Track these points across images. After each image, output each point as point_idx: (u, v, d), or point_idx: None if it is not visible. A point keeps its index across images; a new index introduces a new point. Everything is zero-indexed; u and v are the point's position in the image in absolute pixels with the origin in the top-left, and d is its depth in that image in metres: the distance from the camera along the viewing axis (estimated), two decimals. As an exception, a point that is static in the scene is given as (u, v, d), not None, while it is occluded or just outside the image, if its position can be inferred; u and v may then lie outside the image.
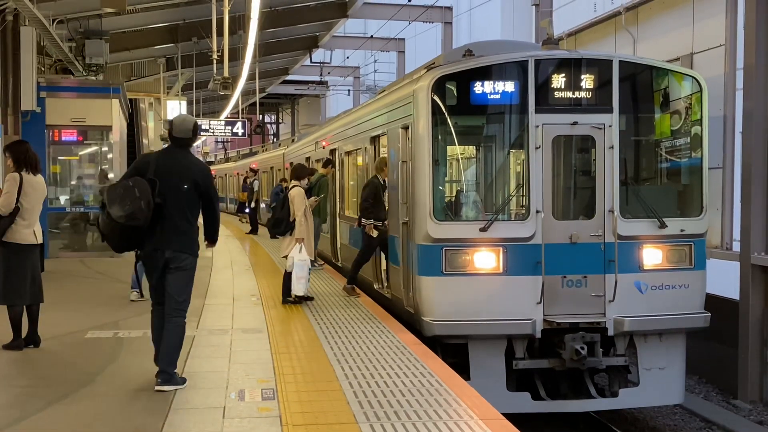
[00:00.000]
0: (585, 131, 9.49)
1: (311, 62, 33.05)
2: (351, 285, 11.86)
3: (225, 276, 14.23)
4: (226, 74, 19.97)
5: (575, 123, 9.42)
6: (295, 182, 11.26)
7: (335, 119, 18.85)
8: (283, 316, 10.11)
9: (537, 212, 9.27)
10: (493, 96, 9.45)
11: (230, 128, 30.07)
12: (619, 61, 9.60)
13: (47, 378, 7.21)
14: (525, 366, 9.28)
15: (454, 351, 9.29)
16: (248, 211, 26.57)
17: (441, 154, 9.67)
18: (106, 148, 18.53)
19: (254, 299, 11.48)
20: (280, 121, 56.74)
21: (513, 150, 9.93)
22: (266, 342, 8.55)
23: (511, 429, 5.66)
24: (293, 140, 27.42)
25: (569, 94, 9.45)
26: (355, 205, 14.50)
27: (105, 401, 6.44)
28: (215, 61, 20.34)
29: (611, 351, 9.51)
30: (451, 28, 26.49)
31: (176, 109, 26.69)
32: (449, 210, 9.85)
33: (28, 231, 8.12)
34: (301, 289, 10.70)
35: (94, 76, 19.22)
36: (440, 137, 9.57)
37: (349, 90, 38.54)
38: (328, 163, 14.93)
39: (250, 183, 26.59)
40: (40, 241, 8.33)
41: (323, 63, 34.63)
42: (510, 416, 6.13)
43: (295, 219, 10.80)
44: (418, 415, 5.95)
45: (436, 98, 9.39)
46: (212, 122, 29.79)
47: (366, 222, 11.22)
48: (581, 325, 9.20)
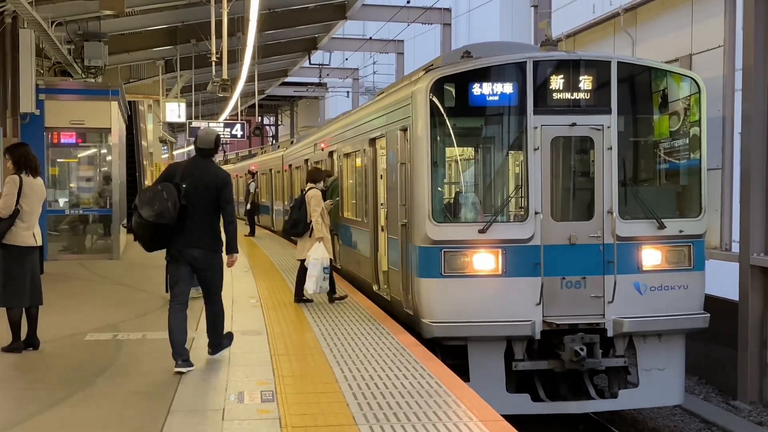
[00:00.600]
0: (583, 132, 9.49)
1: (310, 64, 33.02)
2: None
3: (224, 278, 14.19)
4: (225, 76, 19.96)
5: (574, 124, 9.42)
6: (312, 184, 11.42)
7: (334, 121, 18.85)
8: (283, 318, 10.11)
9: (536, 213, 9.27)
10: (492, 97, 9.46)
11: (229, 130, 30.07)
12: (618, 62, 9.61)
13: (46, 380, 7.21)
14: (524, 367, 9.28)
15: (454, 352, 9.29)
16: (246, 213, 26.57)
17: (440, 156, 9.67)
18: (105, 151, 18.52)
19: (253, 301, 11.47)
20: (279, 123, 56.76)
21: (512, 151, 9.93)
22: (265, 344, 8.55)
23: (511, 430, 5.66)
24: (292, 142, 27.42)
25: (568, 96, 9.46)
26: (354, 207, 14.51)
27: (104, 403, 6.44)
28: (214, 63, 20.33)
29: (611, 352, 9.50)
30: (450, 30, 26.48)
31: (175, 111, 26.68)
32: (448, 212, 9.85)
33: (28, 233, 8.13)
34: (311, 287, 10.73)
35: (93, 79, 19.21)
36: (439, 139, 9.57)
37: (348, 92, 38.52)
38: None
39: (247, 185, 26.57)
40: (40, 244, 8.34)
41: (322, 65, 34.61)
42: (509, 418, 6.13)
43: (312, 220, 10.95)
44: (418, 417, 5.95)
45: (435, 100, 9.39)
46: (211, 124, 29.80)
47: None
48: (580, 327, 9.21)
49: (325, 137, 17.41)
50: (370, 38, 30.40)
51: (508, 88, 9.44)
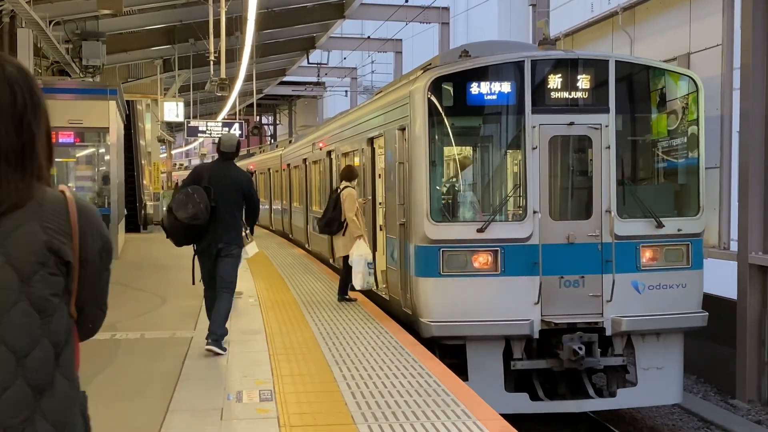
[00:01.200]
0: (582, 131, 9.50)
1: (308, 63, 32.99)
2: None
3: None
4: (223, 75, 19.94)
5: (572, 123, 9.42)
6: (346, 183, 11.42)
7: (332, 120, 18.84)
8: (281, 318, 10.10)
9: (534, 213, 9.27)
10: (490, 97, 9.46)
11: (227, 130, 30.01)
12: (616, 61, 9.61)
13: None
14: (523, 366, 9.28)
15: (452, 352, 9.29)
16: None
17: (438, 155, 9.67)
18: (103, 150, 18.51)
19: (252, 300, 11.47)
20: (278, 123, 56.69)
21: (510, 151, 9.94)
22: (264, 343, 8.55)
23: (509, 429, 5.66)
24: (290, 141, 27.42)
25: (566, 95, 9.46)
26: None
27: (103, 403, 6.44)
28: (212, 63, 20.32)
29: (609, 351, 9.51)
30: (448, 29, 26.46)
31: (173, 111, 26.64)
32: (446, 211, 9.85)
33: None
34: (359, 284, 10.82)
35: (91, 78, 19.20)
36: (437, 138, 9.57)
37: (347, 91, 38.47)
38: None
39: None
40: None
41: (320, 64, 34.59)
42: (508, 417, 6.13)
43: (348, 219, 11.02)
44: (416, 416, 5.95)
45: (433, 99, 9.39)
46: (209, 123, 29.73)
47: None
48: (579, 326, 9.21)
49: (324, 137, 17.41)
50: (369, 37, 30.38)
51: (506, 87, 9.45)
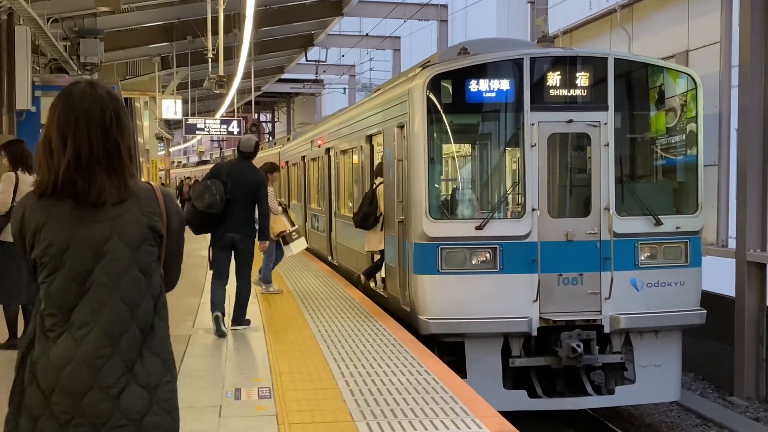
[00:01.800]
0: (580, 129, 9.49)
1: (306, 61, 32.94)
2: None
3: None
4: (222, 73, 19.93)
5: (570, 121, 9.42)
6: (381, 179, 11.48)
7: (331, 118, 18.83)
8: (279, 315, 10.10)
9: (533, 210, 9.27)
10: (489, 94, 9.45)
11: (226, 127, 30.02)
12: (614, 59, 9.60)
13: (43, 378, 7.19)
14: (521, 364, 9.28)
15: (451, 349, 9.29)
16: None
17: (436, 153, 9.66)
18: (102, 147, 18.47)
19: (250, 297, 11.44)
20: (276, 120, 56.67)
21: (508, 148, 9.94)
22: (262, 341, 8.55)
23: (508, 426, 5.67)
24: (289, 139, 27.41)
25: (564, 92, 9.45)
26: (351, 204, 14.50)
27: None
28: (210, 60, 20.30)
29: (607, 348, 9.52)
30: (447, 26, 26.43)
31: (171, 108, 26.60)
32: (445, 208, 9.85)
33: (24, 230, 8.11)
34: None
35: (89, 75, 19.16)
36: (435, 135, 9.56)
37: (345, 88, 38.43)
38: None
39: None
40: (36, 241, 8.31)
41: (318, 61, 34.54)
42: (506, 414, 6.13)
43: (383, 214, 11.17)
44: (415, 413, 5.95)
45: (432, 96, 9.38)
46: (208, 121, 29.75)
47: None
48: (577, 323, 9.21)
49: (322, 134, 17.40)
50: (367, 35, 30.34)
51: (505, 85, 9.44)
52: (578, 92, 9.47)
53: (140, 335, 2.66)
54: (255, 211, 9.15)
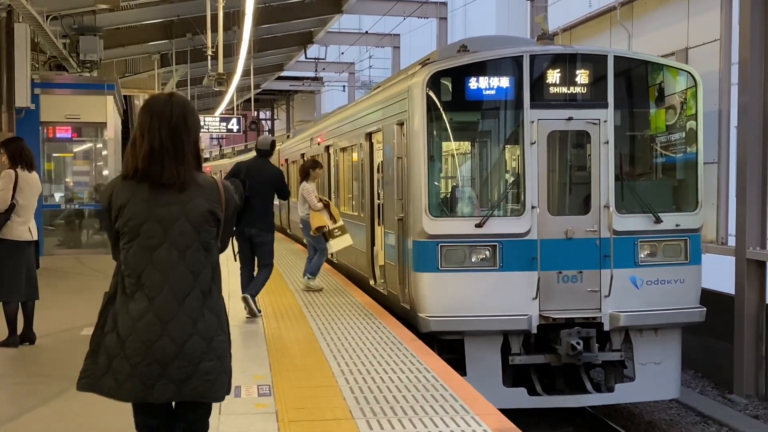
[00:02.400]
0: (580, 126, 9.49)
1: (306, 58, 32.91)
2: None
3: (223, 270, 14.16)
4: (221, 70, 19.90)
5: (570, 118, 9.41)
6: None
7: (330, 115, 18.82)
8: (279, 313, 10.10)
9: (532, 208, 9.27)
10: (488, 91, 9.45)
11: (225, 125, 30.02)
12: (614, 56, 9.60)
13: (43, 375, 7.20)
14: (521, 361, 9.29)
15: (450, 347, 9.30)
16: None
17: (436, 150, 9.66)
18: (101, 145, 18.49)
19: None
20: (275, 118, 56.63)
21: (508, 146, 9.92)
22: (262, 338, 8.55)
23: (507, 424, 5.67)
24: (288, 136, 27.39)
25: (564, 90, 9.45)
26: (350, 201, 14.50)
27: (101, 399, 6.42)
28: (210, 57, 20.27)
29: (607, 346, 9.52)
30: (446, 24, 26.41)
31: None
32: (444, 206, 9.84)
33: (24, 228, 8.11)
34: None
35: (89, 73, 19.16)
36: (435, 133, 9.56)
37: (344, 86, 38.41)
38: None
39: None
40: (35, 238, 8.32)
41: (318, 59, 34.51)
42: (506, 411, 6.13)
43: None
44: (414, 411, 5.95)
45: (431, 94, 9.38)
46: (207, 119, 29.73)
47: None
48: (577, 321, 9.21)
49: (322, 132, 17.39)
50: (366, 32, 30.32)
51: (505, 82, 9.43)
52: (578, 90, 9.47)
53: (201, 297, 3.39)
54: (272, 206, 9.84)
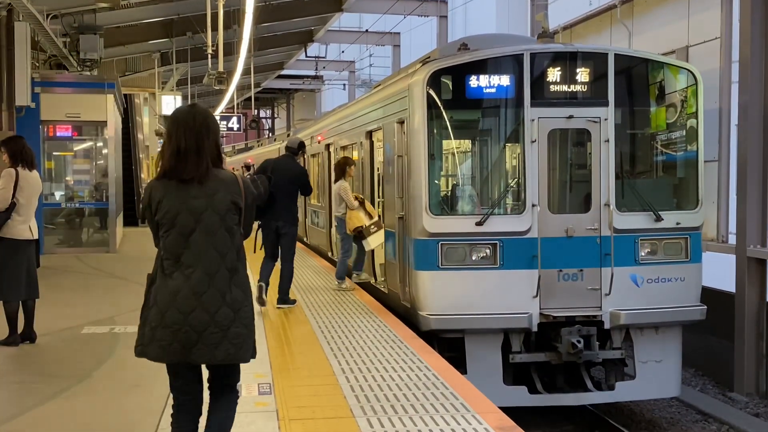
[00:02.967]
0: (580, 125, 9.48)
1: (306, 57, 32.93)
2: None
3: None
4: (221, 69, 19.88)
5: (571, 116, 9.41)
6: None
7: (331, 114, 18.81)
8: (279, 311, 10.10)
9: (533, 206, 9.27)
10: (489, 90, 9.44)
11: (225, 123, 30.02)
12: (615, 55, 9.60)
13: (43, 374, 7.20)
14: (521, 360, 9.29)
15: (451, 345, 9.30)
16: None
17: (436, 148, 9.66)
18: (101, 144, 18.49)
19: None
20: (276, 116, 56.66)
21: (508, 144, 9.92)
22: (262, 337, 8.54)
23: (508, 422, 5.67)
24: (289, 135, 27.38)
25: (565, 88, 9.45)
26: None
27: (102, 397, 6.44)
28: (210, 56, 20.27)
29: (607, 344, 9.52)
30: (447, 22, 26.39)
31: (171, 104, 26.57)
32: (445, 204, 9.84)
33: (24, 226, 8.11)
34: None
35: (89, 72, 19.15)
36: (436, 131, 9.56)
37: (345, 84, 38.40)
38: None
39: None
40: (36, 237, 8.32)
41: (318, 57, 34.52)
42: (506, 410, 6.13)
43: None
44: (415, 409, 5.95)
45: (432, 92, 9.38)
46: (207, 117, 29.66)
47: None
48: (577, 319, 9.21)
49: (322, 130, 17.39)
50: (367, 31, 30.31)
51: (505, 81, 9.43)
52: (578, 88, 9.47)
53: (228, 274, 3.93)
54: (297, 200, 10.40)
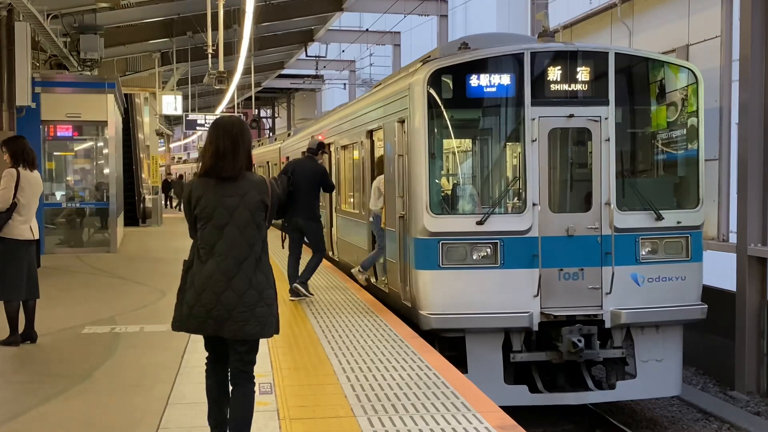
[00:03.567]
0: (581, 124, 9.48)
1: (307, 56, 32.93)
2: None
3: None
4: (222, 68, 19.91)
5: (571, 116, 9.41)
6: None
7: (331, 113, 18.81)
8: (280, 310, 10.07)
9: (533, 205, 9.26)
10: (489, 89, 9.44)
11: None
12: (615, 53, 9.59)
13: (44, 373, 7.20)
14: (522, 359, 9.29)
15: (452, 344, 9.30)
16: None
17: (437, 148, 9.65)
18: (102, 144, 18.49)
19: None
20: (276, 116, 56.65)
21: (509, 143, 9.92)
22: (263, 336, 8.53)
23: (509, 421, 5.67)
24: (289, 134, 27.39)
25: (565, 87, 9.44)
26: (351, 200, 14.50)
27: (102, 396, 6.44)
28: (210, 56, 20.30)
29: (608, 343, 9.51)
30: (447, 21, 26.41)
31: (171, 104, 26.58)
32: (446, 203, 9.84)
33: (25, 227, 8.12)
34: None
35: (89, 71, 19.16)
36: (436, 130, 9.56)
37: (345, 84, 38.41)
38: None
39: None
40: (37, 237, 8.32)
41: (319, 57, 34.52)
42: (507, 409, 6.13)
43: None
44: (416, 408, 5.96)
45: (432, 91, 9.37)
46: (208, 117, 29.68)
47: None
48: (578, 318, 9.21)
49: (323, 129, 17.39)
50: (367, 30, 30.32)
51: (506, 80, 9.42)
52: (579, 87, 9.46)
53: (254, 262, 4.58)
54: (318, 198, 10.86)
